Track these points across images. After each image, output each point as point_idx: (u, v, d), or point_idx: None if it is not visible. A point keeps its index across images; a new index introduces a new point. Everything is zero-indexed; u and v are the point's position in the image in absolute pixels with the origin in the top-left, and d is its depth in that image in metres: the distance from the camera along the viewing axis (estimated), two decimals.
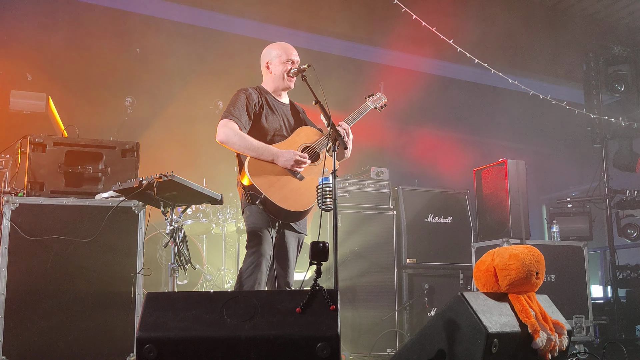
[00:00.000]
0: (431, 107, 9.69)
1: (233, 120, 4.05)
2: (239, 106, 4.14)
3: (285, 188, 3.97)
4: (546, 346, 3.22)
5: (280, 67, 4.31)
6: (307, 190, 4.01)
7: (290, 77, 4.32)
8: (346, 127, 4.19)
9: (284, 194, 3.95)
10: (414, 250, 6.72)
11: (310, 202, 3.98)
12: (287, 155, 4.02)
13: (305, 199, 4.00)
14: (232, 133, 4.01)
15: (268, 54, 4.42)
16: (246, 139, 4.03)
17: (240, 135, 4.02)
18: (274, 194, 3.92)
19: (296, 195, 3.98)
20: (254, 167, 3.98)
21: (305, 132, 4.27)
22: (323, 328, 2.63)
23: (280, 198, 3.92)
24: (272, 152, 4.04)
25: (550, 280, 5.92)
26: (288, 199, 3.94)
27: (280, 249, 4.17)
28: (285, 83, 4.34)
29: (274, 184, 3.96)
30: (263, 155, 4.01)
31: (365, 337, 6.25)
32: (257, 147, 4.02)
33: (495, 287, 3.39)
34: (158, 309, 2.73)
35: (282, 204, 3.91)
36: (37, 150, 4.11)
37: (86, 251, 3.97)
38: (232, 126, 4.03)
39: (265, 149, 4.04)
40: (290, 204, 3.94)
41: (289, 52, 4.36)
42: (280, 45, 4.41)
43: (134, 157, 4.29)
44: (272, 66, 4.36)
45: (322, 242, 2.84)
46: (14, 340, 3.79)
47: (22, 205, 3.93)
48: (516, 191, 6.16)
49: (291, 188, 3.99)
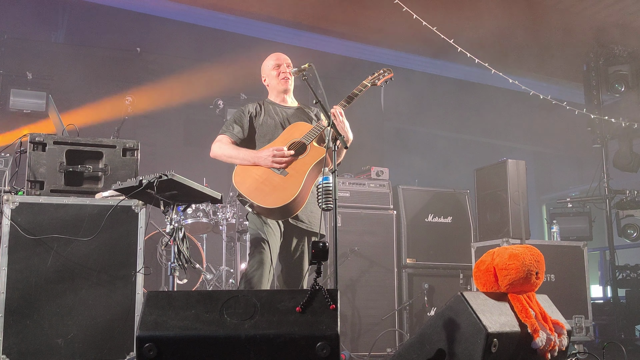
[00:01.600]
0: (431, 106, 9.70)
1: (224, 134, 4.24)
2: (230, 121, 4.35)
3: (267, 186, 3.97)
4: (546, 346, 3.23)
5: (273, 73, 4.40)
6: (289, 184, 3.96)
7: (283, 80, 4.36)
8: (336, 110, 4.06)
9: (266, 192, 3.95)
10: (413, 250, 6.73)
11: (292, 194, 3.91)
12: (265, 154, 4.04)
13: (288, 192, 3.93)
14: (218, 146, 4.22)
15: (262, 70, 4.52)
16: (229, 149, 4.17)
17: (225, 146, 4.19)
18: (257, 196, 3.93)
19: (279, 190, 3.95)
20: (239, 173, 4.07)
21: (299, 127, 4.24)
22: (323, 327, 2.63)
23: (263, 198, 3.93)
24: (252, 155, 4.10)
25: (550, 280, 5.93)
26: (270, 196, 3.93)
27: (287, 252, 4.18)
28: (280, 86, 4.38)
29: (258, 186, 3.98)
30: (246, 159, 4.10)
31: (365, 336, 6.25)
32: (239, 152, 4.14)
33: (495, 287, 3.39)
34: (158, 307, 2.73)
35: (266, 202, 3.91)
36: (37, 149, 4.10)
37: (86, 250, 3.97)
38: (221, 139, 4.24)
39: (246, 154, 4.12)
40: (272, 200, 3.92)
41: (278, 57, 4.44)
42: (270, 56, 4.50)
43: (134, 156, 4.29)
44: (267, 77, 4.47)
45: (322, 242, 2.84)
46: (13, 339, 3.78)
47: (22, 204, 3.93)
48: (516, 191, 6.17)
49: (274, 185, 3.97)
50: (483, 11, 7.99)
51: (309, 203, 4.11)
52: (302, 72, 4.07)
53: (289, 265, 4.20)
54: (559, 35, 8.57)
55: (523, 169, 6.29)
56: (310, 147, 4.09)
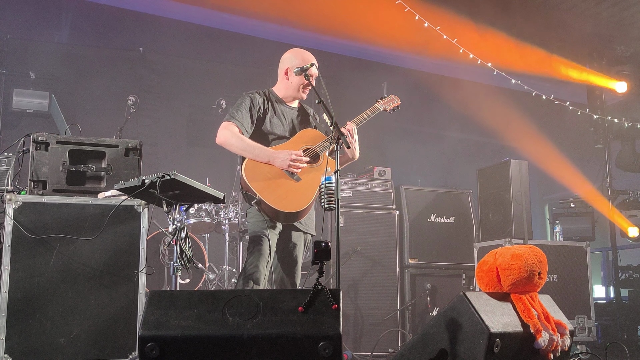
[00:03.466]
0: (434, 107, 9.69)
1: (234, 123, 4.10)
2: (242, 109, 4.16)
3: (280, 189, 3.98)
4: (548, 346, 3.22)
5: (299, 79, 4.24)
6: (303, 191, 4.00)
7: (304, 90, 4.29)
8: (351, 127, 4.16)
9: (278, 194, 3.96)
10: (416, 250, 6.73)
11: (305, 202, 3.98)
12: (283, 156, 4.03)
13: (300, 199, 3.98)
14: (230, 135, 4.07)
15: (289, 60, 4.31)
16: (243, 141, 4.07)
17: (237, 137, 4.07)
18: (269, 195, 3.93)
19: (291, 196, 3.97)
20: (251, 169, 4.02)
21: (309, 134, 4.26)
22: (325, 327, 2.63)
23: (275, 199, 3.93)
24: (269, 153, 4.06)
25: (552, 281, 5.92)
26: (282, 200, 3.94)
27: (284, 251, 4.19)
28: (299, 94, 4.32)
29: (270, 185, 3.98)
30: (260, 156, 4.05)
31: (367, 336, 6.26)
32: (254, 148, 4.06)
33: (497, 287, 3.39)
34: (160, 307, 2.73)
35: (277, 205, 3.92)
36: (40, 148, 4.10)
37: (88, 249, 3.97)
38: (231, 129, 4.08)
39: (261, 150, 4.07)
40: (284, 204, 3.94)
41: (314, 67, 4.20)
42: (303, 56, 4.28)
43: (137, 155, 4.29)
44: (290, 74, 4.28)
45: (324, 242, 2.84)
46: (16, 338, 3.79)
47: (25, 203, 3.94)
48: (519, 191, 6.16)
49: (287, 189, 3.99)
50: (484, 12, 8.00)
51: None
52: (305, 72, 4.09)
53: (284, 261, 4.20)
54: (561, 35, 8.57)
55: (526, 169, 6.28)
56: (322, 158, 4.13)
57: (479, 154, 9.80)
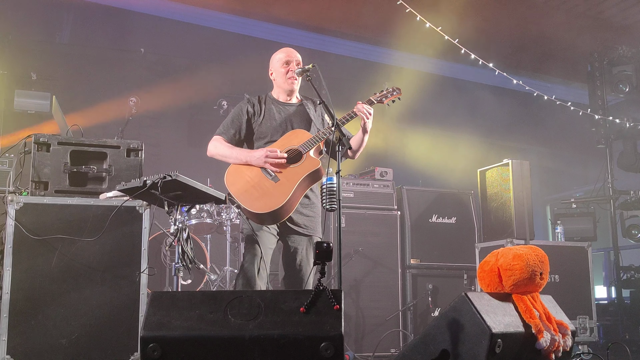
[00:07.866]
0: (435, 107, 9.68)
1: (219, 135, 4.26)
2: (228, 121, 4.32)
3: (256, 191, 3.97)
4: (550, 346, 3.22)
5: (281, 71, 4.33)
6: (279, 189, 3.95)
7: (289, 79, 4.30)
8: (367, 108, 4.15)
9: (255, 196, 3.95)
10: (417, 251, 6.73)
11: (281, 201, 3.90)
12: (258, 154, 4.06)
13: (276, 199, 3.92)
14: (213, 146, 4.24)
15: (271, 61, 4.45)
16: (225, 148, 4.19)
17: (221, 146, 4.21)
18: (245, 199, 3.94)
19: (267, 196, 3.94)
20: (232, 173, 4.09)
21: (298, 134, 4.21)
22: (327, 328, 2.63)
23: (251, 201, 3.93)
24: (245, 154, 4.13)
25: (554, 281, 5.92)
26: (257, 201, 3.93)
27: (287, 257, 4.18)
28: (286, 86, 4.33)
29: (248, 188, 3.99)
30: (238, 158, 4.12)
31: (369, 337, 6.25)
32: (232, 151, 4.17)
33: (499, 288, 3.39)
34: (162, 308, 2.73)
35: (252, 206, 3.91)
36: (42, 149, 4.11)
37: (90, 250, 3.97)
38: (216, 140, 4.25)
39: (239, 152, 4.16)
40: (259, 205, 3.91)
41: (289, 53, 4.37)
42: (281, 50, 4.43)
43: (138, 156, 4.29)
44: (274, 72, 4.41)
45: (326, 242, 2.84)
46: (18, 339, 3.79)
47: (27, 204, 3.94)
48: (520, 192, 6.15)
49: (263, 190, 3.97)
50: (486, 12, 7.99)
51: (306, 208, 4.14)
52: (306, 72, 4.09)
53: (290, 271, 4.18)
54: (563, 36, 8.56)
55: (527, 169, 6.27)
56: (305, 157, 4.07)
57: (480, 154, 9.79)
